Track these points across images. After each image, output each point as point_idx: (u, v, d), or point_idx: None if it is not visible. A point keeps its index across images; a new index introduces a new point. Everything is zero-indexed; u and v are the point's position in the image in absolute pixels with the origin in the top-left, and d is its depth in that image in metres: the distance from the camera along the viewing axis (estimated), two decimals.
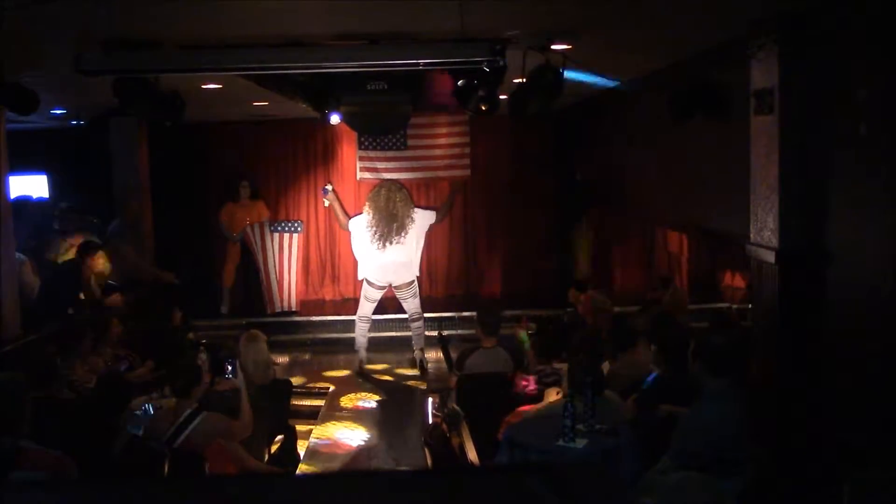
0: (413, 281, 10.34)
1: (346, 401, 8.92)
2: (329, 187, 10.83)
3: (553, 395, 5.70)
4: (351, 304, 11.65)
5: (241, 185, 12.15)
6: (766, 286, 5.66)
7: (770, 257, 5.52)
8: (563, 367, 5.85)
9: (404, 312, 10.49)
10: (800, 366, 5.39)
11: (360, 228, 10.37)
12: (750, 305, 6.68)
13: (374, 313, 10.42)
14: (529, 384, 6.15)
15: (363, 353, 10.06)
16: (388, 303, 10.73)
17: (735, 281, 11.51)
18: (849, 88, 4.92)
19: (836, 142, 5.15)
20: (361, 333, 10.13)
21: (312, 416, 8.27)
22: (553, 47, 5.89)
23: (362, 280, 10.39)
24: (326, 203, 10.95)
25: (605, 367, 6.06)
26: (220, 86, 7.86)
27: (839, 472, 3.66)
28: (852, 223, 5.01)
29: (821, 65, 5.24)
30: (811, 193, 5.34)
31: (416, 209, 10.58)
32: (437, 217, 10.73)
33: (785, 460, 4.73)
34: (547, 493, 1.17)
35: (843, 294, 5.11)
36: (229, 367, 5.73)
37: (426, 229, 10.61)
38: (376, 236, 10.24)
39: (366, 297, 10.25)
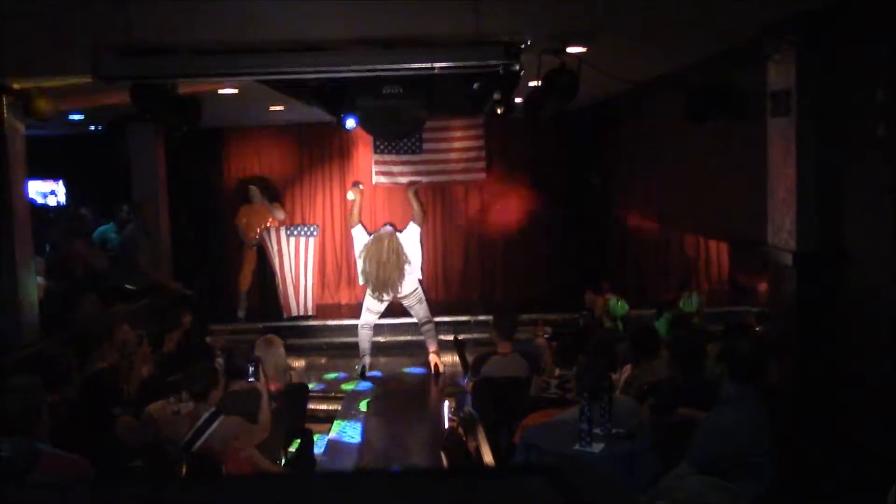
0: (416, 288, 9.96)
1: (362, 405, 8.91)
2: (359, 187, 10.32)
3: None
4: None
5: (248, 189, 12.15)
6: (784, 288, 5.62)
7: (788, 260, 5.48)
8: None
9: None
10: (818, 367, 5.35)
11: (360, 238, 9.91)
12: (767, 309, 6.63)
13: (390, 317, 10.34)
14: (549, 388, 6.13)
15: (367, 359, 10.00)
16: (401, 307, 10.65)
17: (752, 284, 11.43)
18: (866, 89, 4.89)
19: (854, 143, 5.11)
20: (366, 339, 9.99)
21: (329, 419, 8.27)
22: (568, 50, 5.88)
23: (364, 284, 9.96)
24: (351, 196, 10.26)
25: (627, 371, 6.04)
26: (236, 90, 7.89)
27: (858, 474, 3.62)
28: (870, 224, 4.97)
29: (838, 66, 5.20)
30: (829, 195, 5.30)
31: (406, 258, 9.68)
32: (418, 224, 9.96)
33: (804, 463, 4.68)
34: (552, 494, 1.16)
35: (862, 295, 5.07)
36: (251, 370, 5.75)
37: (418, 241, 9.94)
38: (373, 291, 9.77)
39: (368, 308, 9.98)
